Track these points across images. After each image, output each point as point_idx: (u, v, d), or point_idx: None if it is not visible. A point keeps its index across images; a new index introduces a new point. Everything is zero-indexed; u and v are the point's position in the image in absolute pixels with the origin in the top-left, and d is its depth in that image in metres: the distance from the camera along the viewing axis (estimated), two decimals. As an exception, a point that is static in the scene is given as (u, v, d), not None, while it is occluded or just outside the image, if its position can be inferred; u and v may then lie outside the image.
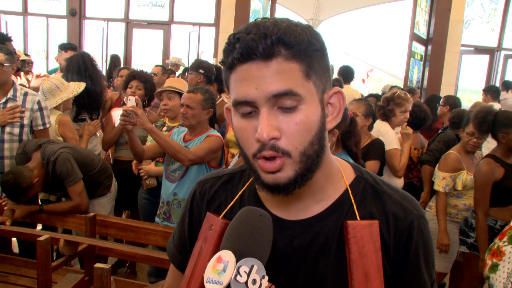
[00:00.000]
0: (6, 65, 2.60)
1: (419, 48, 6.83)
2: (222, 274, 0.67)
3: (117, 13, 7.86)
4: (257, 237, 0.69)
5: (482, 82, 7.69)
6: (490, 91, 5.63)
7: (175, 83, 2.96)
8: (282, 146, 0.67)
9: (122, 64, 5.48)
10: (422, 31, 6.85)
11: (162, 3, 7.70)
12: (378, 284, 0.71)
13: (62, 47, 4.41)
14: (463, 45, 7.15)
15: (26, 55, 5.33)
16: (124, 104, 2.58)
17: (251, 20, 0.78)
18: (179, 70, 6.32)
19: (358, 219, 0.74)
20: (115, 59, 6.09)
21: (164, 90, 2.88)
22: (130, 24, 7.85)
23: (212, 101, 2.52)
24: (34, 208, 2.50)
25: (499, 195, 2.53)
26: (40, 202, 2.76)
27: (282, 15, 0.72)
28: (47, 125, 2.77)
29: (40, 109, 2.72)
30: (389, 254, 0.75)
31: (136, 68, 4.04)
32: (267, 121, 0.66)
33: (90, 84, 3.15)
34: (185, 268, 0.85)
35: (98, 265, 1.71)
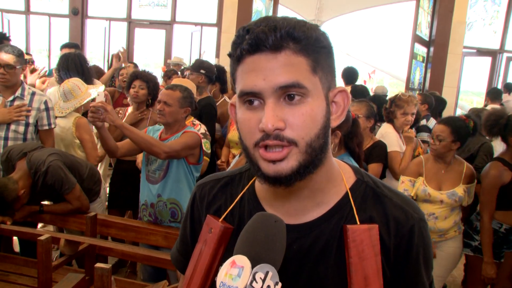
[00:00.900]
0: (17, 67, 2.62)
1: (421, 50, 6.80)
2: (237, 279, 0.67)
3: (119, 12, 7.86)
4: (272, 243, 0.69)
5: (484, 84, 7.67)
6: (490, 93, 5.62)
7: (183, 83, 2.94)
8: (288, 135, 0.67)
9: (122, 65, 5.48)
10: (424, 33, 6.83)
11: (164, 3, 7.70)
12: None
13: (66, 46, 4.41)
14: (465, 47, 7.12)
15: (28, 54, 5.34)
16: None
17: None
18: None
19: (358, 223, 0.74)
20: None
21: None
22: (132, 24, 7.84)
23: (190, 100, 2.49)
24: (34, 208, 2.50)
25: (506, 199, 2.51)
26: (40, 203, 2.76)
27: (284, 15, 0.73)
28: (53, 125, 2.78)
29: (47, 109, 2.73)
30: (389, 257, 0.75)
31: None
32: (273, 111, 0.66)
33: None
34: None
35: (98, 264, 1.71)
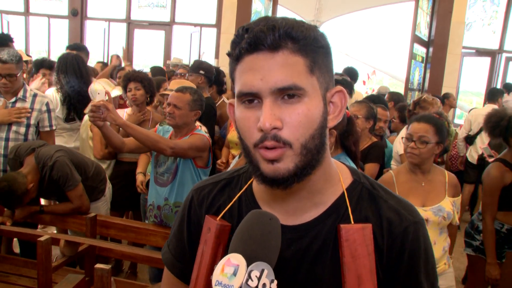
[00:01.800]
0: (18, 74, 2.64)
1: (420, 50, 6.81)
2: (233, 278, 0.68)
3: (118, 13, 7.87)
4: (267, 241, 0.69)
5: (483, 84, 7.67)
6: (488, 94, 5.61)
7: (182, 84, 2.94)
8: (284, 136, 0.68)
9: (122, 64, 5.49)
10: (424, 33, 6.83)
11: (163, 4, 7.70)
12: (370, 287, 0.72)
13: (71, 47, 4.41)
14: (464, 47, 7.13)
15: (28, 55, 5.35)
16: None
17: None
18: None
19: (352, 222, 0.75)
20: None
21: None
22: (131, 25, 7.85)
23: (200, 102, 2.44)
24: (34, 208, 2.50)
25: (507, 200, 2.51)
26: (41, 203, 2.76)
27: (283, 16, 0.73)
28: (54, 127, 2.81)
29: (48, 110, 2.75)
30: (381, 258, 0.75)
31: (136, 68, 4.05)
32: (270, 110, 0.67)
33: (83, 85, 3.16)
34: (185, 276, 0.86)
35: (98, 265, 1.72)
